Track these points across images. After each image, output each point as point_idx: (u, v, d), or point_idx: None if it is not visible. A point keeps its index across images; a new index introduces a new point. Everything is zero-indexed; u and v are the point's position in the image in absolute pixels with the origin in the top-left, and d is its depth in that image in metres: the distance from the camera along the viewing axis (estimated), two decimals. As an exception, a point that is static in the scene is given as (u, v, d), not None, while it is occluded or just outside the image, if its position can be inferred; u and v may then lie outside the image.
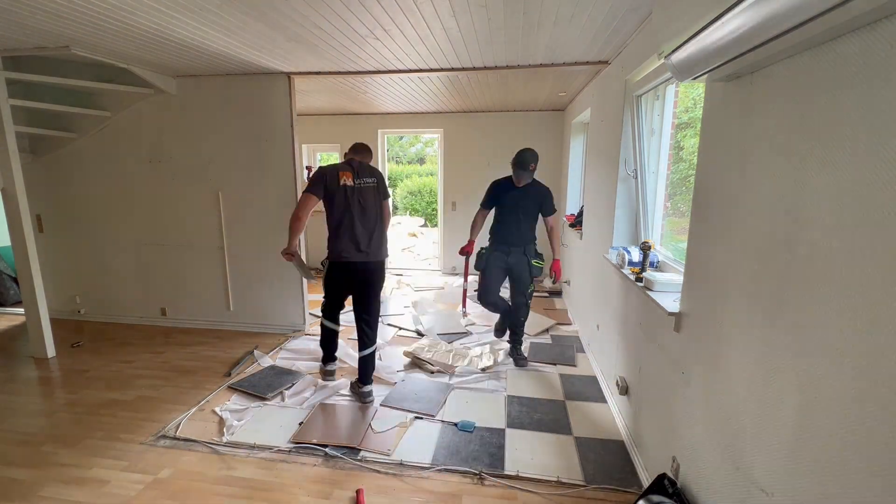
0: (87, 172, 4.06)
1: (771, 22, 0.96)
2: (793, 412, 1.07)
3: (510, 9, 2.25)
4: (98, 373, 3.26)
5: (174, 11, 2.28)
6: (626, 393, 2.47)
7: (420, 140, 16.45)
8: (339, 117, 6.20)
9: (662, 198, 2.64)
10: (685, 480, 1.68)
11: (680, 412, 1.75)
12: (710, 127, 1.61)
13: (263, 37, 2.70)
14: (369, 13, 2.30)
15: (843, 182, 0.93)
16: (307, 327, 4.10)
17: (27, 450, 2.38)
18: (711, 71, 1.36)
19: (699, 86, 2.03)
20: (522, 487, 2.11)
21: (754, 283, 1.26)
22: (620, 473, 2.19)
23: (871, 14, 0.81)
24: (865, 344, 0.86)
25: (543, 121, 5.76)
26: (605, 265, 2.99)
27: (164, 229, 4.07)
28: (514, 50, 2.95)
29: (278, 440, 2.44)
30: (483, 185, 3.45)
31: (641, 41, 2.43)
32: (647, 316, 2.17)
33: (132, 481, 2.14)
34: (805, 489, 1.02)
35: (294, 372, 3.23)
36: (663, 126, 2.56)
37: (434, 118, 5.99)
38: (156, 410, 2.76)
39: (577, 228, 4.34)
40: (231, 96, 3.74)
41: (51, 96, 3.76)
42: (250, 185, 3.87)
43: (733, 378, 1.36)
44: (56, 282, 4.27)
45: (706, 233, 1.60)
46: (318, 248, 6.52)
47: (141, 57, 3.14)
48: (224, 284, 4.09)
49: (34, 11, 2.28)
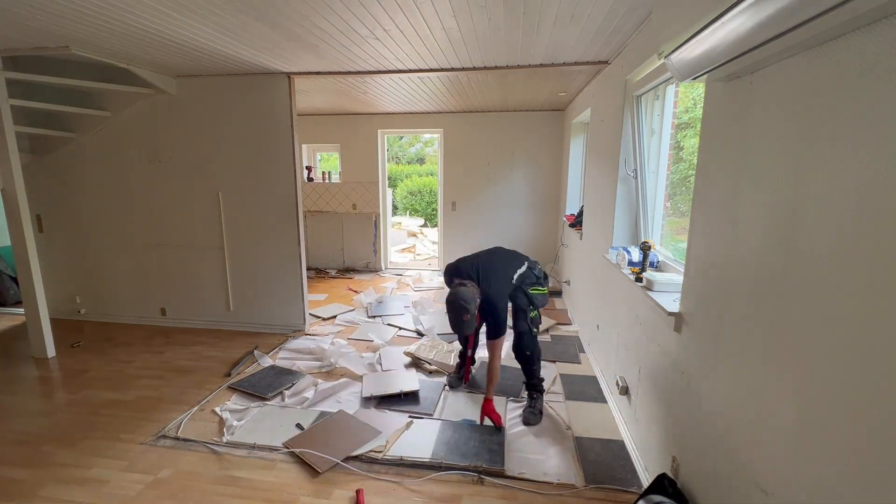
0: (87, 172, 4.06)
1: (770, 22, 0.96)
2: (793, 412, 1.07)
3: (510, 9, 2.25)
4: (98, 373, 3.26)
5: (174, 11, 2.28)
6: (626, 393, 2.47)
7: (420, 140, 16.45)
8: (339, 117, 6.21)
9: (662, 198, 2.64)
10: (685, 480, 1.68)
11: (680, 412, 1.75)
12: (710, 127, 1.61)
13: (264, 37, 2.70)
14: (369, 13, 2.30)
15: (844, 182, 0.93)
16: (307, 327, 4.10)
17: (27, 450, 2.38)
18: (711, 71, 1.36)
19: (699, 86, 2.03)
20: (522, 487, 2.11)
21: (754, 282, 1.26)
22: (620, 473, 2.19)
23: (871, 14, 0.81)
24: (865, 343, 0.86)
25: (543, 121, 5.77)
26: (605, 265, 2.99)
27: (163, 229, 4.07)
28: (514, 50, 2.95)
29: (278, 440, 2.43)
30: (483, 185, 3.44)
31: (641, 41, 2.43)
32: (647, 316, 2.17)
33: (132, 481, 2.14)
34: (805, 489, 1.02)
35: (294, 372, 3.23)
36: (663, 126, 2.56)
37: (434, 118, 5.99)
38: (156, 410, 2.76)
39: (577, 228, 4.34)
40: (231, 96, 3.74)
41: (51, 96, 3.76)
42: (250, 185, 3.87)
43: (733, 378, 1.36)
44: (56, 282, 4.27)
45: (706, 233, 1.60)
46: (319, 247, 6.55)
47: (141, 57, 3.14)
48: (224, 284, 4.09)
49: (34, 11, 2.28)
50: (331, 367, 3.31)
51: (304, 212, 6.00)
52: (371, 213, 6.44)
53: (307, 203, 6.56)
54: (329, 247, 6.59)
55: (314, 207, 6.59)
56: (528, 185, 5.97)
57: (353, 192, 6.46)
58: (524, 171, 5.95)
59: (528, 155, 5.90)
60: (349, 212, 6.50)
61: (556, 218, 5.93)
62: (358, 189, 6.44)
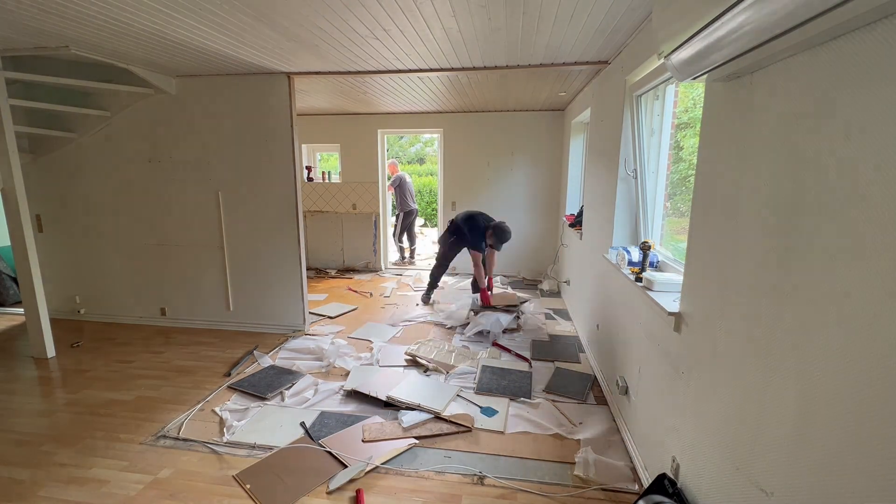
0: (86, 172, 4.06)
1: (770, 21, 0.96)
2: (793, 412, 1.07)
3: (510, 9, 2.25)
4: (98, 373, 3.26)
5: (174, 11, 2.28)
6: (625, 393, 2.47)
7: (420, 140, 16.45)
8: (339, 117, 6.21)
9: (662, 198, 2.64)
10: (685, 480, 1.68)
11: (680, 412, 1.75)
12: (710, 127, 1.61)
13: (263, 37, 2.70)
14: (369, 13, 2.30)
15: (843, 182, 0.93)
16: (307, 327, 4.10)
17: (27, 450, 2.38)
18: (711, 71, 1.36)
19: (699, 86, 2.03)
20: (522, 488, 2.11)
21: (754, 282, 1.26)
22: (620, 473, 2.19)
23: (871, 14, 0.81)
24: (865, 343, 0.86)
25: (543, 121, 5.77)
26: (605, 265, 2.99)
27: (163, 229, 4.07)
28: (514, 50, 2.96)
29: (278, 440, 2.43)
30: (483, 185, 3.45)
31: (641, 41, 2.43)
32: (647, 316, 2.17)
33: (132, 481, 2.14)
34: (805, 489, 1.02)
35: (294, 372, 3.23)
36: (663, 126, 2.56)
37: (434, 118, 5.99)
38: (156, 410, 2.76)
39: (576, 228, 4.34)
40: (231, 96, 3.74)
41: (51, 96, 3.76)
42: (250, 184, 3.87)
43: (733, 378, 1.36)
44: (56, 282, 4.28)
45: (706, 233, 1.60)
46: (319, 247, 6.54)
47: (141, 57, 3.14)
48: (224, 284, 4.09)
49: (34, 11, 2.28)
50: (330, 367, 3.32)
51: (304, 212, 6.00)
52: (371, 213, 6.44)
53: (307, 203, 6.56)
54: (329, 247, 6.59)
55: (314, 207, 6.59)
56: (528, 184, 5.97)
57: (352, 192, 6.46)
58: (524, 170, 5.95)
59: (528, 155, 5.90)
60: (349, 212, 6.50)
61: (555, 218, 5.93)
62: (358, 189, 6.44)
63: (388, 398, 2.80)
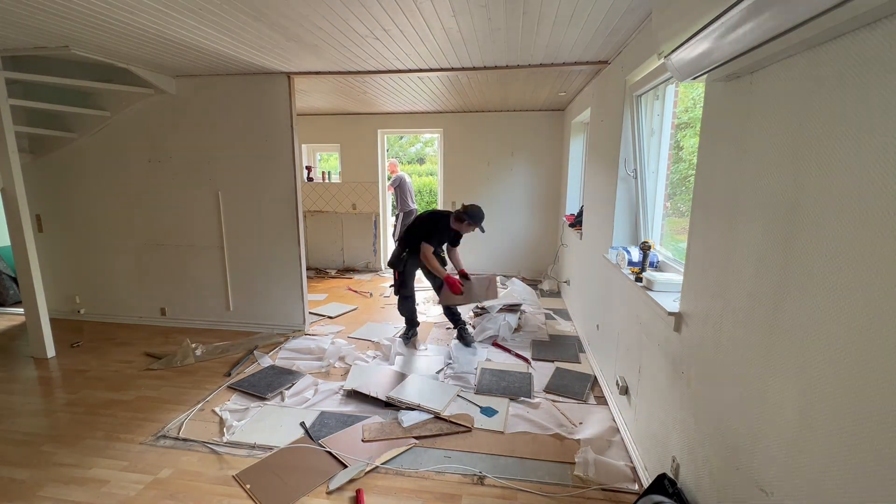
0: (87, 172, 4.06)
1: (770, 21, 0.96)
2: (793, 412, 1.07)
3: (510, 9, 2.25)
4: (98, 373, 3.26)
5: (174, 11, 2.28)
6: (625, 393, 2.47)
7: (420, 140, 16.45)
8: (339, 117, 6.21)
9: (662, 198, 2.64)
10: (685, 480, 1.68)
11: (680, 412, 1.75)
12: (710, 127, 1.61)
13: (263, 37, 2.70)
14: (369, 13, 2.30)
15: (843, 182, 0.93)
16: (307, 327, 4.10)
17: (27, 450, 2.38)
18: (711, 71, 1.36)
19: (699, 86, 2.03)
20: (522, 488, 2.11)
21: (754, 282, 1.26)
22: (620, 473, 2.19)
23: (871, 14, 0.81)
24: (865, 343, 0.86)
25: (543, 121, 5.76)
26: (605, 265, 2.99)
27: (163, 229, 4.07)
28: (514, 50, 2.95)
29: (278, 440, 2.43)
30: (483, 185, 3.45)
31: (641, 41, 2.43)
32: (647, 316, 2.17)
33: (132, 481, 2.14)
34: (805, 489, 1.02)
35: (294, 372, 3.23)
36: (663, 126, 2.56)
37: (434, 118, 5.99)
38: (156, 410, 2.76)
39: (576, 228, 4.34)
40: (231, 96, 3.74)
41: (51, 96, 3.76)
42: (250, 185, 3.87)
43: (733, 378, 1.36)
44: (56, 282, 4.28)
45: (706, 233, 1.60)
46: (319, 247, 6.54)
47: (141, 57, 3.14)
48: (224, 284, 4.09)
49: (34, 11, 2.28)
50: (330, 367, 3.32)
51: (304, 212, 6.00)
52: (371, 213, 6.44)
53: (307, 203, 6.56)
54: (329, 247, 6.59)
55: (314, 207, 6.59)
56: (528, 184, 5.97)
57: (352, 192, 6.46)
58: (524, 170, 5.95)
59: (528, 155, 5.90)
60: (349, 212, 6.50)
61: (555, 218, 5.93)
62: (358, 189, 6.44)
63: (388, 398, 2.81)
